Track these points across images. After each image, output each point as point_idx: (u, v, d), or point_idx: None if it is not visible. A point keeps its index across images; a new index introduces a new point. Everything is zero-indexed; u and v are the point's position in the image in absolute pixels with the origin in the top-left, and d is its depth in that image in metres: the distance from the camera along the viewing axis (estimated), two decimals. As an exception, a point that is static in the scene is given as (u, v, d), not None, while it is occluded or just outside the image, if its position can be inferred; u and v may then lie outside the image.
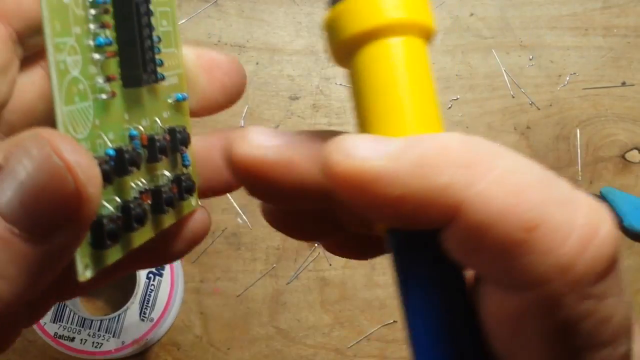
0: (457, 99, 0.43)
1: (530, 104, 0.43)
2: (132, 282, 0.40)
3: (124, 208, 0.18)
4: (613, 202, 0.42)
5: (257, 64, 0.44)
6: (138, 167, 0.19)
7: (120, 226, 0.18)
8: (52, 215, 0.15)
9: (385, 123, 0.17)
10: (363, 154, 0.15)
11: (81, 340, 0.39)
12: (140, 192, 0.19)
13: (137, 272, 0.39)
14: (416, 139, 0.15)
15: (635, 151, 0.43)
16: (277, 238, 0.42)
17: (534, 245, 0.14)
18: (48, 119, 0.17)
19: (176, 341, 0.41)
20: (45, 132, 0.15)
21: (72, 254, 0.16)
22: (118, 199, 0.18)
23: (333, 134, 0.17)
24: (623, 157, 0.43)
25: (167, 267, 0.40)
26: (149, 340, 0.39)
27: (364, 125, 0.18)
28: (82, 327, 0.39)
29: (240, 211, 0.42)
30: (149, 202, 0.20)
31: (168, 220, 0.21)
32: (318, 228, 0.20)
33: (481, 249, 0.14)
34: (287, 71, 0.44)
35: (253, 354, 0.41)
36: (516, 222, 0.14)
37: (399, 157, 0.15)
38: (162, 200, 0.20)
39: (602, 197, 0.43)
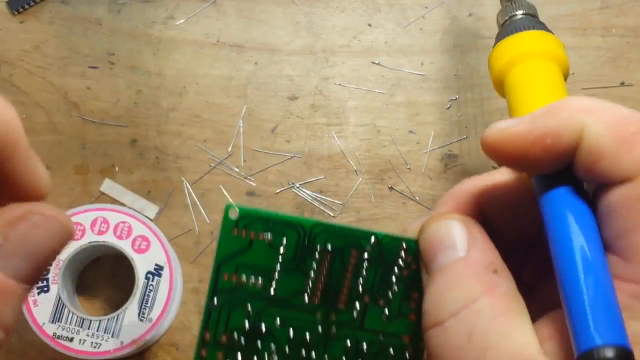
0: (456, 99, 0.43)
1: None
2: (131, 282, 0.40)
3: None
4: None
5: (255, 64, 0.44)
6: None
7: None
8: (48, 264, 0.20)
9: (522, 111, 0.24)
10: (500, 125, 0.22)
11: (80, 340, 0.39)
12: None
13: (136, 272, 0.39)
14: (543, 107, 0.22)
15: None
16: (276, 238, 0.42)
17: (639, 142, 0.20)
18: None
19: (175, 341, 0.41)
20: (28, 206, 0.20)
21: None
22: None
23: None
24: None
25: (166, 267, 0.40)
26: (147, 341, 0.39)
27: (511, 110, 0.27)
28: (81, 327, 0.39)
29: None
30: None
31: None
32: None
33: (603, 156, 0.20)
34: (285, 71, 0.44)
35: (252, 354, 0.41)
36: (624, 127, 0.20)
37: (529, 117, 0.21)
38: None
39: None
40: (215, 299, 0.25)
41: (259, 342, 0.25)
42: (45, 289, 0.39)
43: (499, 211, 0.25)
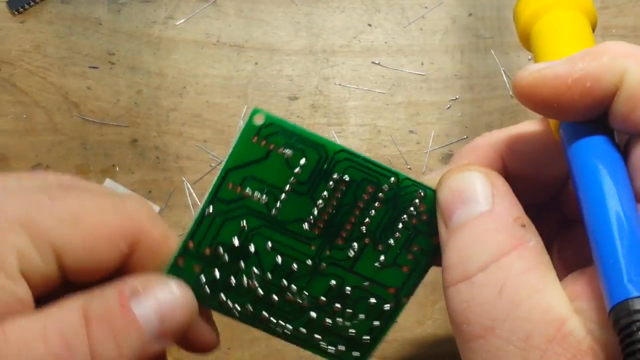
0: (456, 99, 0.44)
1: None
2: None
3: None
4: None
5: (256, 64, 0.44)
6: None
7: None
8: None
9: (552, 56, 0.23)
10: (537, 67, 0.21)
11: (81, 340, 0.39)
12: None
13: (137, 272, 0.39)
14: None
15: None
16: (276, 238, 0.42)
17: None
18: None
19: (176, 341, 0.41)
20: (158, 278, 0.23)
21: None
22: None
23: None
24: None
25: (167, 267, 0.40)
26: (148, 341, 0.39)
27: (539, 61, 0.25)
28: (82, 327, 0.39)
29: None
30: None
31: None
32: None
33: None
34: (286, 71, 0.44)
35: (253, 354, 0.41)
36: None
37: (568, 59, 0.21)
38: None
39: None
40: (212, 206, 0.23)
41: (242, 263, 0.24)
42: (46, 289, 0.39)
43: (522, 164, 0.24)
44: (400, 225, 0.24)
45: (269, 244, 0.24)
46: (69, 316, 0.21)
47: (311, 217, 0.24)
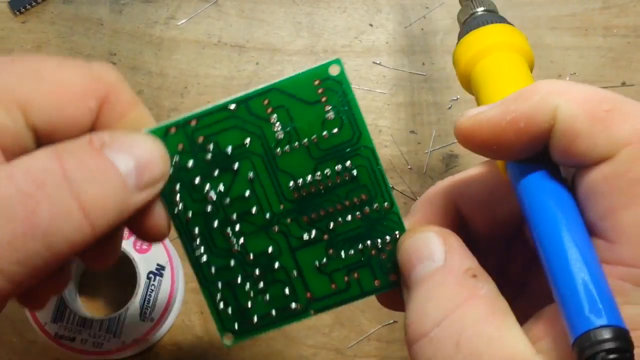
0: (457, 99, 0.43)
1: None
2: (133, 282, 0.40)
3: None
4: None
5: (257, 64, 0.44)
6: None
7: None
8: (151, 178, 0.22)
9: (492, 101, 0.24)
10: (473, 112, 0.22)
11: (82, 340, 0.39)
12: None
13: (138, 273, 0.39)
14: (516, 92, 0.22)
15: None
16: (277, 238, 0.42)
17: (613, 119, 0.20)
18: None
19: (177, 341, 0.41)
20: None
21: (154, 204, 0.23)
22: None
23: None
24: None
25: (168, 267, 0.40)
26: (149, 340, 0.39)
27: (480, 103, 0.27)
28: (83, 327, 0.39)
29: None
30: None
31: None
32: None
33: (578, 136, 0.20)
34: (287, 71, 0.44)
35: (253, 354, 0.41)
36: (597, 106, 0.20)
37: (501, 102, 0.22)
38: None
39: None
40: (236, 105, 0.23)
41: (217, 171, 0.24)
42: (47, 288, 0.39)
43: (476, 207, 0.25)
44: (360, 247, 0.24)
45: (251, 174, 0.24)
46: (38, 156, 0.20)
47: (301, 181, 0.24)
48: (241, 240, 0.24)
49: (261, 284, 0.24)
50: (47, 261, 0.19)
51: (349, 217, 0.24)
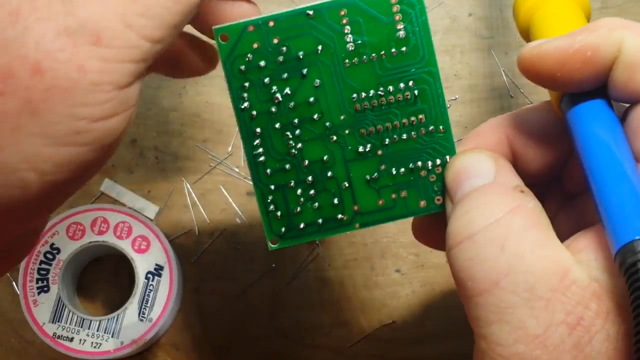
0: (456, 99, 0.43)
1: (529, 104, 0.43)
2: (131, 282, 0.40)
3: None
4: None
5: (256, 63, 0.44)
6: None
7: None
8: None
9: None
10: (538, 42, 0.23)
11: (80, 340, 0.39)
12: None
13: (136, 273, 0.39)
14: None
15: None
16: (276, 238, 0.42)
17: None
18: None
19: (175, 341, 0.41)
20: None
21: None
22: None
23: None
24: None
25: (166, 267, 0.40)
26: (148, 341, 0.39)
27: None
28: (81, 327, 0.39)
29: (239, 211, 0.42)
30: None
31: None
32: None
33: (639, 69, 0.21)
34: (286, 71, 0.44)
35: (253, 354, 0.41)
36: None
37: (569, 34, 0.22)
38: None
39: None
40: (314, 12, 0.24)
41: (285, 74, 0.25)
42: (45, 289, 0.39)
43: (526, 143, 0.26)
44: (411, 166, 0.25)
45: (318, 82, 0.24)
46: None
47: (364, 94, 0.25)
48: (299, 145, 0.25)
49: (312, 192, 0.25)
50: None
51: (404, 136, 0.25)
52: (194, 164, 0.43)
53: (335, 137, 0.25)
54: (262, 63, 0.24)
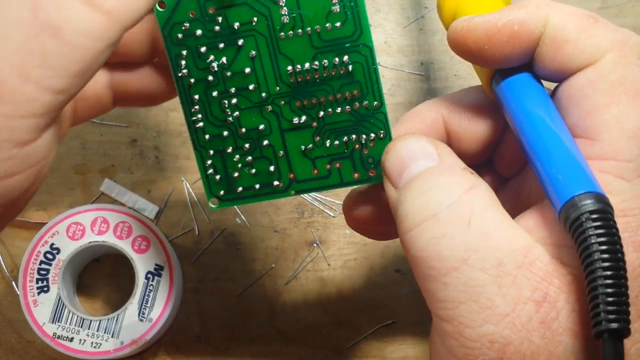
0: (456, 98, 0.44)
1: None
2: (131, 282, 0.40)
3: None
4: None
5: (255, 64, 0.44)
6: None
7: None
8: None
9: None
10: (466, 17, 0.23)
11: (80, 340, 0.39)
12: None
13: (136, 272, 0.39)
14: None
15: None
16: (275, 238, 0.42)
17: (597, 29, 0.22)
18: None
19: (175, 341, 0.41)
20: None
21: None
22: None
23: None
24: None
25: (166, 267, 0.40)
26: (148, 341, 0.39)
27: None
28: (81, 327, 0.39)
29: (239, 211, 0.42)
30: None
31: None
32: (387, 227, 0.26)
33: (567, 41, 0.22)
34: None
35: (252, 354, 0.41)
36: (583, 17, 0.22)
37: (497, 11, 0.23)
38: None
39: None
40: None
41: (222, 44, 0.25)
42: (45, 289, 0.39)
43: (460, 123, 0.26)
44: (345, 139, 0.26)
45: (253, 53, 0.25)
46: None
47: (299, 67, 0.25)
48: (236, 113, 0.25)
49: (249, 158, 0.26)
50: (77, 61, 0.19)
51: (339, 110, 0.25)
52: (194, 164, 0.43)
53: (271, 107, 0.25)
54: (199, 32, 0.25)
